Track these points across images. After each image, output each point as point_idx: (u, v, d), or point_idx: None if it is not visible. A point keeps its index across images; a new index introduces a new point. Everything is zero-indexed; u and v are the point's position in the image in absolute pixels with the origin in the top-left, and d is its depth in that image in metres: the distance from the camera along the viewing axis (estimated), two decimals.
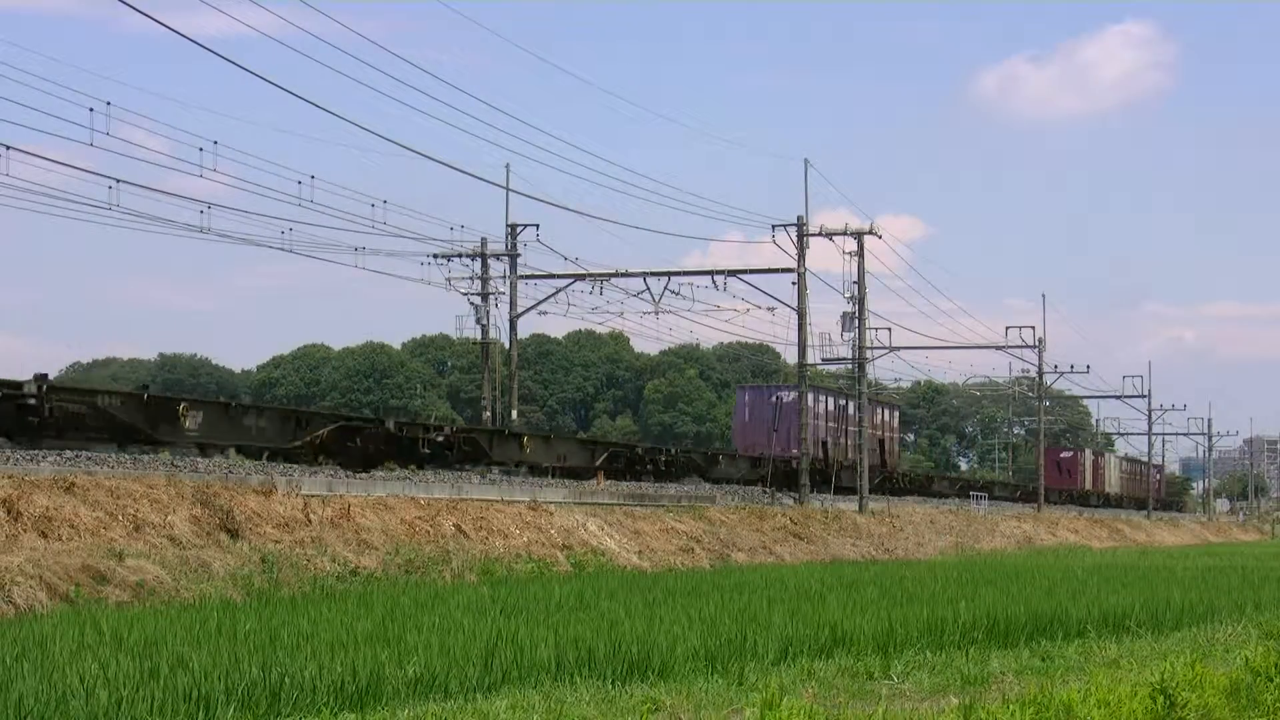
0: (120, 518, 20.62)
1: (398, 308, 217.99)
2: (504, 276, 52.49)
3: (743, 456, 54.54)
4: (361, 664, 11.96)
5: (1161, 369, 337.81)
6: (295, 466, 28.69)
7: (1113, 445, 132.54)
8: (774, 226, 47.77)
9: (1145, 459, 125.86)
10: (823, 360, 54.47)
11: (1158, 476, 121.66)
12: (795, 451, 51.14)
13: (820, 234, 48.89)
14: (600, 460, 43.06)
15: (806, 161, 49.40)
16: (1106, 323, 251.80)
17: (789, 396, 56.52)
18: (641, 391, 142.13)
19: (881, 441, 66.27)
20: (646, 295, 50.59)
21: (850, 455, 59.16)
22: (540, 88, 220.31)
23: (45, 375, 25.80)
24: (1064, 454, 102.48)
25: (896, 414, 71.33)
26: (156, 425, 27.72)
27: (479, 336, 53.37)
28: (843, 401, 61.25)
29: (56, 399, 25.58)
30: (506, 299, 52.66)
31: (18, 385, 24.95)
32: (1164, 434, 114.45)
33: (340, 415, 33.76)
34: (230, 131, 46.07)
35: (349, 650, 13.01)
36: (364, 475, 29.33)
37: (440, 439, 34.88)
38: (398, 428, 33.86)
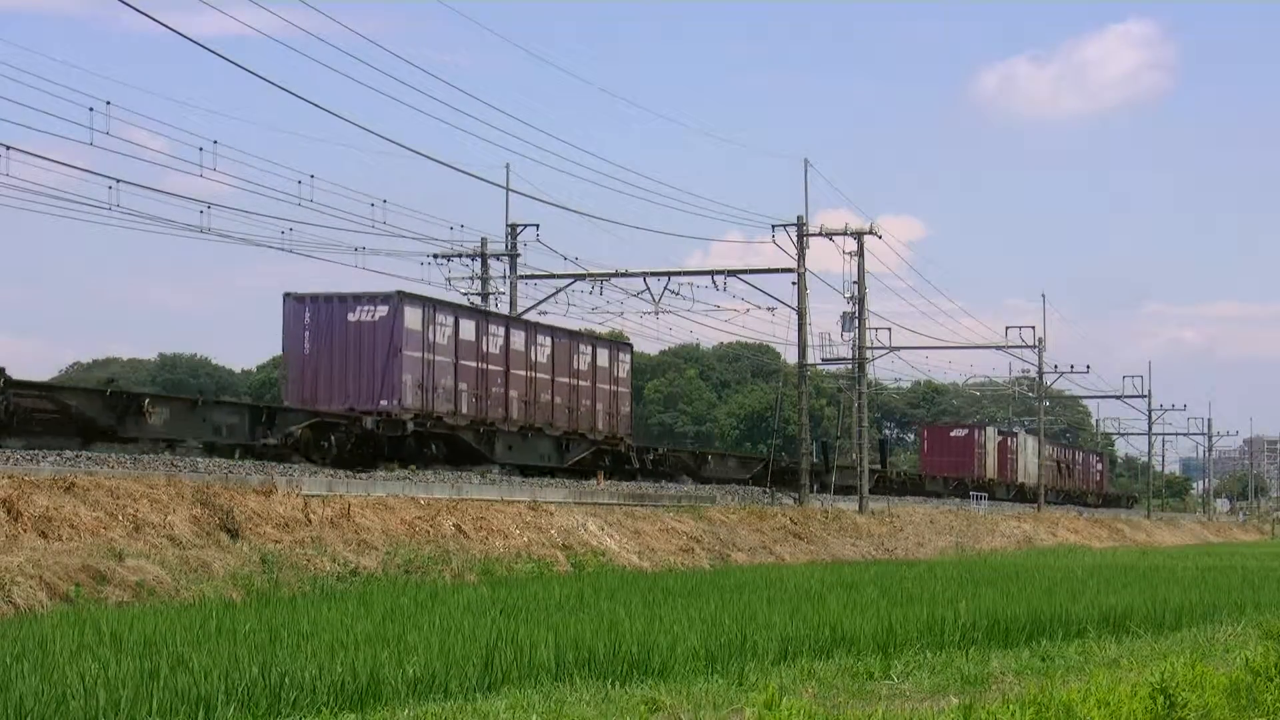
0: (120, 518, 20.61)
1: None
2: (504, 276, 52.47)
3: (222, 404, 32.74)
4: (361, 664, 11.96)
5: (1162, 369, 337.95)
6: (295, 466, 28.69)
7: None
8: (774, 226, 47.79)
9: (1079, 445, 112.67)
10: (823, 360, 54.48)
11: (1099, 467, 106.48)
12: (386, 404, 34.54)
13: (820, 234, 48.89)
14: None
15: (806, 161, 49.40)
16: (1106, 323, 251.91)
17: (373, 314, 35.14)
18: (641, 391, 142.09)
19: (592, 403, 43.18)
20: (646, 295, 50.54)
21: (524, 415, 39.76)
22: (540, 88, 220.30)
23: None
24: (955, 431, 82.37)
25: (626, 359, 46.58)
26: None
27: None
28: (490, 326, 38.98)
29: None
30: (506, 299, 52.64)
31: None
32: (1164, 434, 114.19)
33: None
34: (230, 131, 46.07)
35: (349, 650, 13.02)
36: (364, 475, 29.33)
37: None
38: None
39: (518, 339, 40.19)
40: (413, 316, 35.66)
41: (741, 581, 24.87)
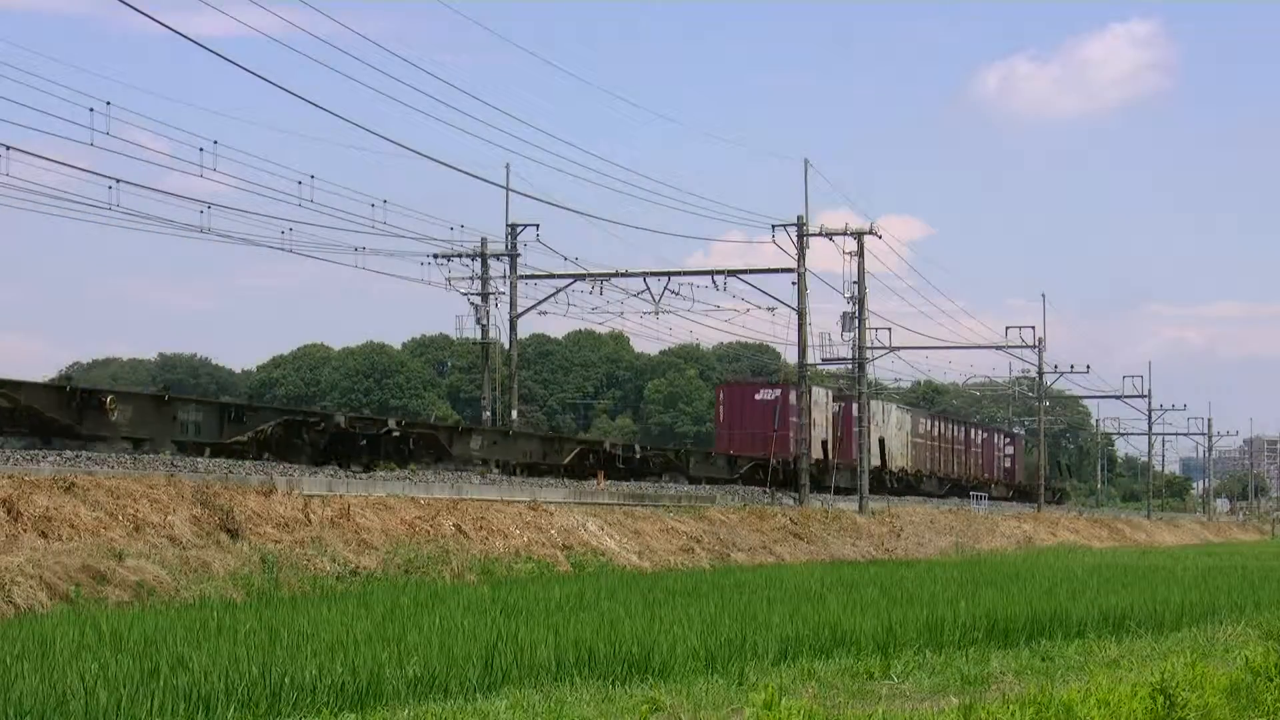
0: (120, 518, 20.61)
1: (398, 308, 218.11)
2: (504, 276, 52.54)
3: None
4: (361, 664, 11.96)
5: (1162, 369, 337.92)
6: (295, 466, 28.68)
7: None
8: (774, 226, 47.81)
9: (984, 422, 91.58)
10: (823, 360, 54.48)
11: (1009, 450, 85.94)
12: None
13: (820, 234, 48.90)
14: None
15: (806, 161, 49.39)
16: (1106, 323, 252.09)
17: None
18: (641, 391, 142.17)
19: None
20: (646, 295, 50.64)
21: None
22: (540, 88, 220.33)
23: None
24: (762, 393, 57.93)
25: None
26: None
27: (479, 336, 53.39)
28: None
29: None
30: (506, 299, 52.71)
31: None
32: (1164, 434, 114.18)
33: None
34: (230, 131, 46.13)
35: (349, 650, 13.01)
36: (364, 475, 29.33)
37: None
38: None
39: None
40: None
41: (741, 581, 24.86)
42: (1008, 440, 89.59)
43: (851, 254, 50.09)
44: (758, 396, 58.36)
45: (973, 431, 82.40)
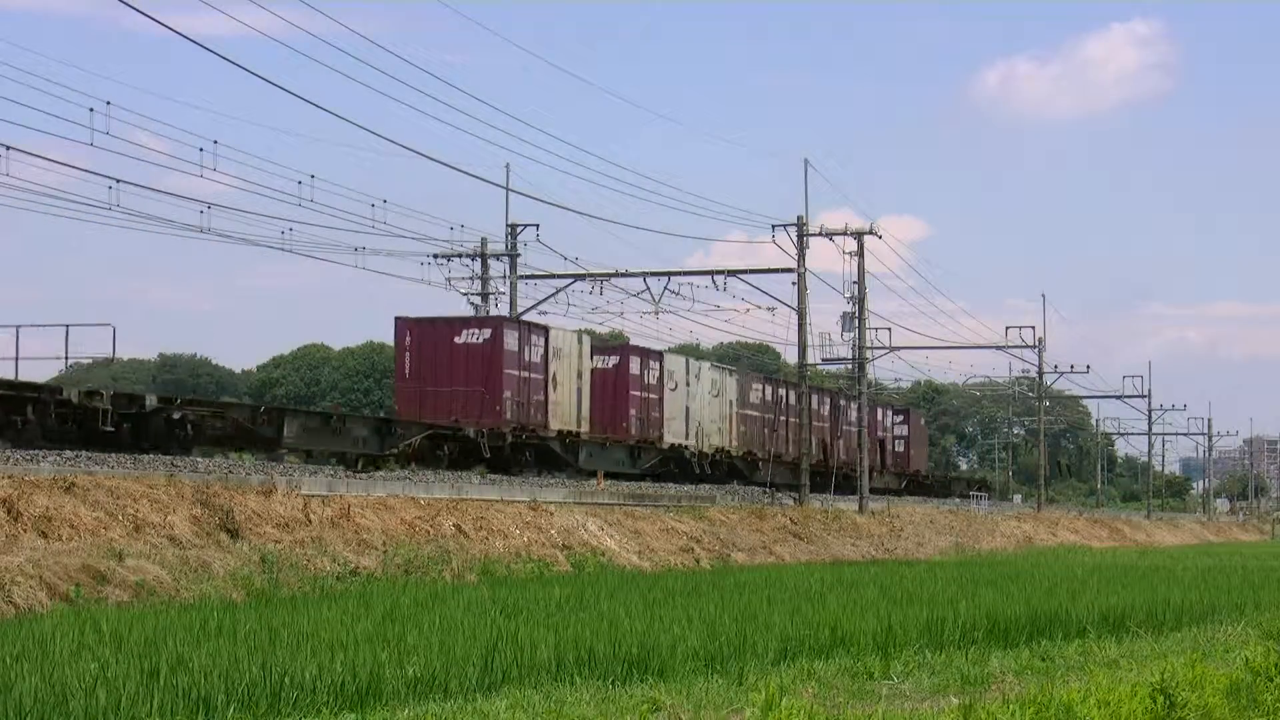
0: (120, 518, 20.61)
1: (398, 308, 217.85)
2: (504, 276, 52.49)
3: None
4: (361, 664, 11.96)
5: (1162, 369, 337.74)
6: (295, 466, 28.68)
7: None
8: (774, 226, 47.83)
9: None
10: (823, 360, 54.50)
11: (901, 432, 67.67)
12: None
13: (820, 234, 48.92)
14: None
15: (806, 161, 49.34)
16: (1106, 323, 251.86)
17: None
18: None
19: None
20: (646, 295, 50.63)
21: None
22: (540, 88, 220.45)
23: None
24: (466, 334, 41.19)
25: None
26: None
27: None
28: None
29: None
30: (507, 299, 52.67)
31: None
32: (1164, 434, 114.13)
33: None
34: (230, 131, 46.20)
35: (349, 650, 13.01)
36: (364, 475, 29.33)
37: None
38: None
39: None
40: None
41: (741, 581, 24.86)
42: (899, 418, 69.43)
43: (851, 254, 50.13)
44: (459, 339, 41.28)
45: (842, 403, 61.28)
